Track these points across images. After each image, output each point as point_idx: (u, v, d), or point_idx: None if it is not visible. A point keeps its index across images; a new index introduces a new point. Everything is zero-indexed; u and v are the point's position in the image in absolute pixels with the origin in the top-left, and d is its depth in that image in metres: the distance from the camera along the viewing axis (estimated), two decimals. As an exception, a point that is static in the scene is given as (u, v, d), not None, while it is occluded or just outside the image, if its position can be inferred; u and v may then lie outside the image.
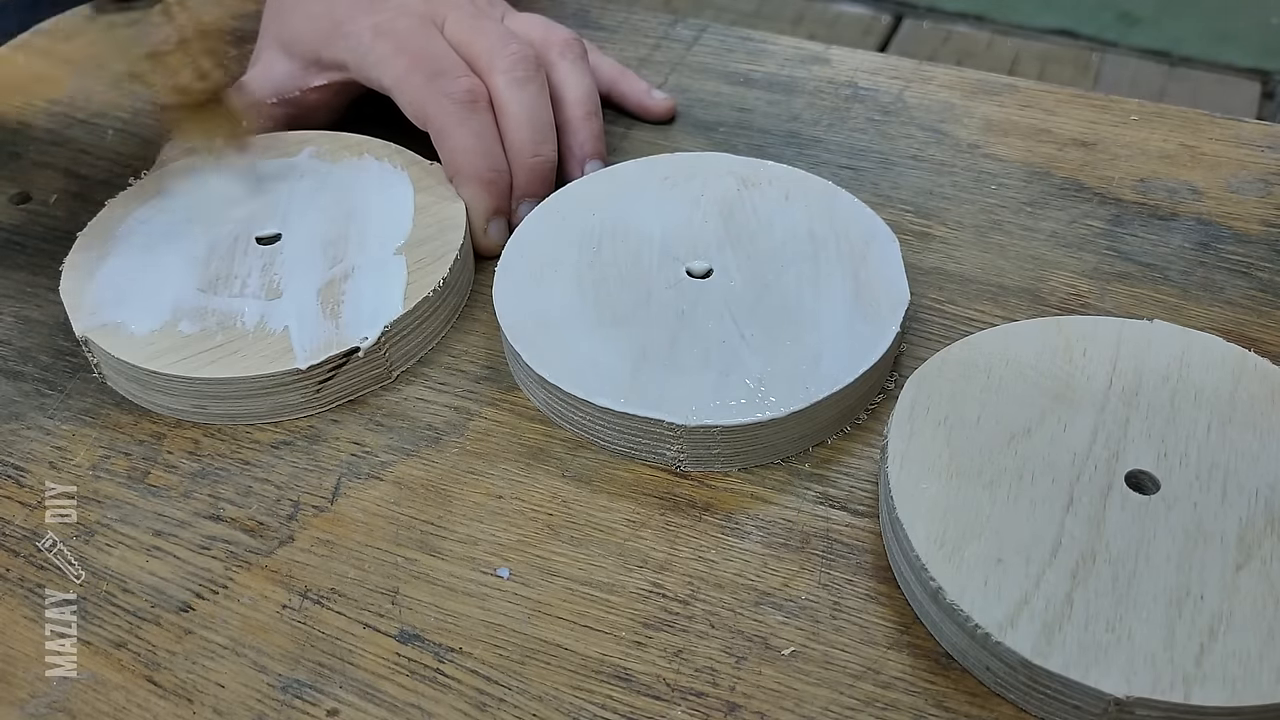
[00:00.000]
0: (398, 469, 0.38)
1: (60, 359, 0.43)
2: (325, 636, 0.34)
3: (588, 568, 0.35)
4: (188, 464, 0.39)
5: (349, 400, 0.41)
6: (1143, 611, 0.30)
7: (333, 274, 0.42)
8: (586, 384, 0.37)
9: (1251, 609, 0.30)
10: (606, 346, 0.39)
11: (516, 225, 0.44)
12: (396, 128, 0.48)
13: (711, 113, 0.54)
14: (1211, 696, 0.29)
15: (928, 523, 0.33)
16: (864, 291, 0.40)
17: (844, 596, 0.34)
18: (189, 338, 0.40)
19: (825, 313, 0.39)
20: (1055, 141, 0.51)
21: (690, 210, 0.44)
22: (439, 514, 0.37)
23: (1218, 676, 0.29)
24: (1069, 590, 0.31)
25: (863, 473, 0.38)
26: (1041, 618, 0.30)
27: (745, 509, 0.37)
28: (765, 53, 0.58)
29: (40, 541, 0.37)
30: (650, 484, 0.38)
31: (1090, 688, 0.29)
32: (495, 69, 0.45)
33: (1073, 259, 0.45)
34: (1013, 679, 0.31)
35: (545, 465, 0.38)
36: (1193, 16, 1.62)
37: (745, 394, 0.37)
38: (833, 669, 0.32)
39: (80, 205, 0.50)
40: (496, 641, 0.34)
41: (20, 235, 0.49)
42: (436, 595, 0.35)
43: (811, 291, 0.40)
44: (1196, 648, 0.30)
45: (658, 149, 0.51)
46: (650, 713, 0.32)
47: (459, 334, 0.43)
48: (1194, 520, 0.32)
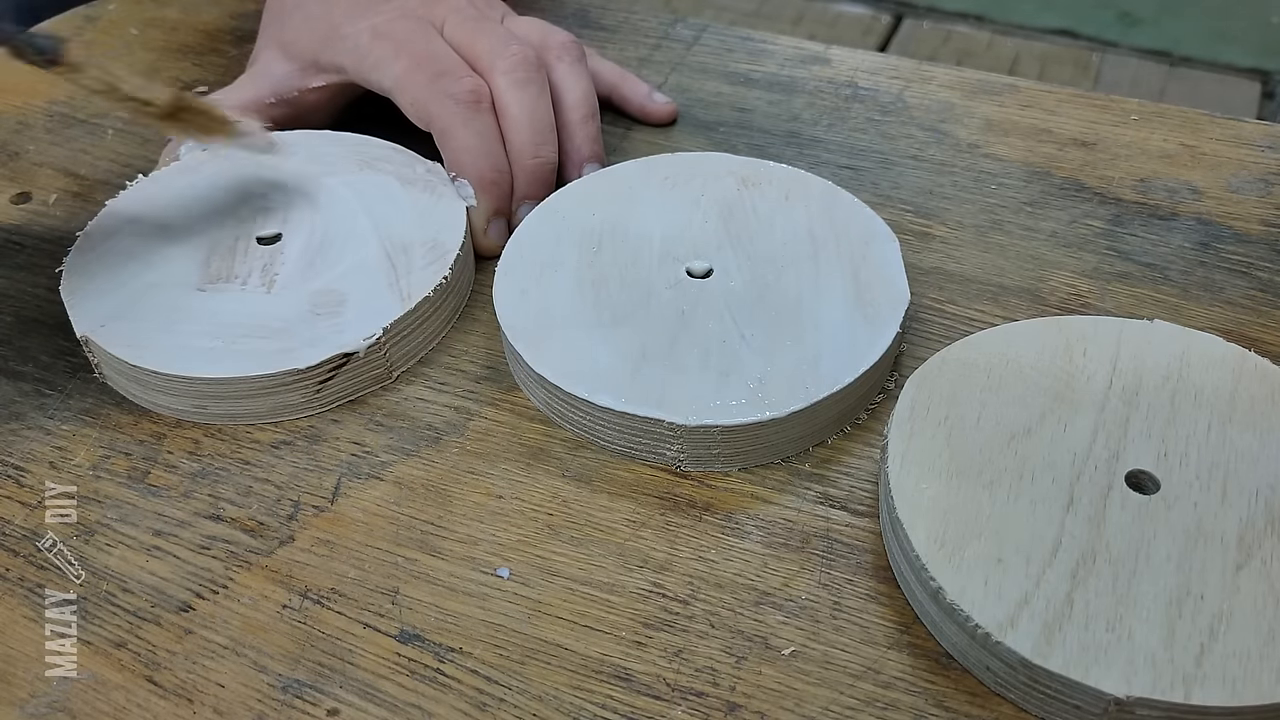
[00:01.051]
0: (398, 469, 0.38)
1: (60, 359, 0.43)
2: (325, 636, 0.34)
3: (588, 567, 0.35)
4: (188, 464, 0.39)
5: (349, 400, 0.41)
6: (1143, 611, 0.30)
7: (334, 274, 0.42)
8: (587, 384, 0.37)
9: (1251, 609, 0.30)
10: (606, 346, 0.39)
11: (516, 226, 0.44)
12: (395, 128, 0.48)
13: (711, 113, 0.54)
14: (1212, 696, 0.29)
15: (928, 523, 0.33)
16: (864, 291, 0.40)
17: (844, 596, 0.34)
18: (189, 337, 0.40)
19: (825, 313, 0.39)
20: (1055, 141, 0.51)
21: (690, 210, 0.44)
22: (439, 514, 0.37)
23: (1218, 676, 0.29)
24: (1069, 590, 0.31)
25: (863, 473, 0.38)
26: (1042, 618, 0.30)
27: (745, 509, 0.37)
28: (765, 53, 0.58)
29: (40, 541, 0.37)
30: (650, 484, 0.38)
31: (1090, 688, 0.29)
32: (496, 70, 0.45)
33: (1073, 259, 0.45)
34: (1013, 679, 0.31)
35: (545, 465, 0.38)
36: (1193, 16, 1.62)
37: (745, 394, 0.37)
38: (833, 669, 0.32)
39: (80, 205, 0.50)
40: (496, 641, 0.34)
41: (20, 235, 0.49)
42: (436, 595, 0.35)
43: (811, 291, 0.40)
44: (1197, 648, 0.30)
45: (658, 149, 0.51)
46: (650, 713, 0.32)
47: (459, 334, 0.43)
48: (1194, 520, 0.32)
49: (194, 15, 0.63)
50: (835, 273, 0.41)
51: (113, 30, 0.62)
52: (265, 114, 0.49)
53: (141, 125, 0.53)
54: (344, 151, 0.48)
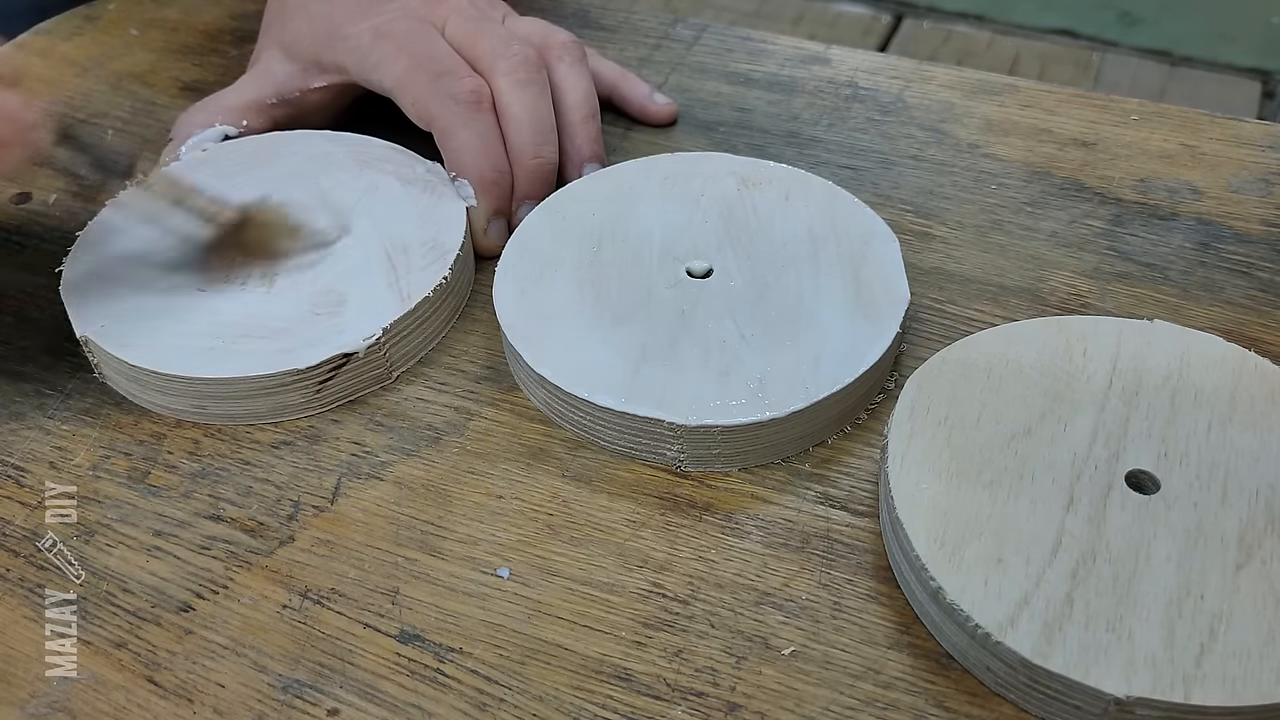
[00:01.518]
0: (398, 469, 0.38)
1: (60, 359, 0.43)
2: (325, 636, 0.34)
3: (588, 567, 0.35)
4: (188, 464, 0.39)
5: (349, 400, 0.41)
6: (1143, 611, 0.30)
7: (333, 274, 0.42)
8: (587, 383, 0.37)
9: (1251, 609, 0.30)
10: (607, 346, 0.39)
11: (516, 226, 0.44)
12: (396, 127, 0.48)
13: (711, 113, 0.54)
14: (1211, 696, 0.29)
15: (928, 522, 0.33)
16: (864, 291, 0.40)
17: (844, 596, 0.34)
18: (189, 337, 0.40)
19: (825, 313, 0.39)
20: (1055, 141, 0.51)
21: (690, 210, 0.44)
22: (439, 514, 0.37)
23: (1218, 676, 0.29)
24: (1069, 590, 0.31)
25: (863, 473, 0.38)
26: (1042, 617, 0.30)
27: (746, 509, 0.37)
28: (765, 52, 0.58)
29: (40, 541, 0.37)
30: (650, 484, 0.38)
31: (1090, 688, 0.29)
32: (497, 70, 0.45)
33: (1072, 259, 0.45)
34: (1013, 679, 0.31)
35: (545, 465, 0.38)
36: (1193, 16, 1.62)
37: (745, 394, 0.37)
38: (833, 669, 0.32)
39: (80, 205, 0.50)
40: (497, 641, 0.34)
41: (20, 235, 0.49)
42: (437, 595, 0.35)
43: (811, 291, 0.40)
44: (1196, 648, 0.30)
45: (658, 149, 0.51)
46: (650, 713, 0.32)
47: (459, 334, 0.43)
48: (1194, 520, 0.32)
49: (194, 15, 0.63)
50: (835, 273, 0.41)
51: (112, 30, 0.62)
52: (267, 115, 0.49)
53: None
54: (344, 151, 0.48)
